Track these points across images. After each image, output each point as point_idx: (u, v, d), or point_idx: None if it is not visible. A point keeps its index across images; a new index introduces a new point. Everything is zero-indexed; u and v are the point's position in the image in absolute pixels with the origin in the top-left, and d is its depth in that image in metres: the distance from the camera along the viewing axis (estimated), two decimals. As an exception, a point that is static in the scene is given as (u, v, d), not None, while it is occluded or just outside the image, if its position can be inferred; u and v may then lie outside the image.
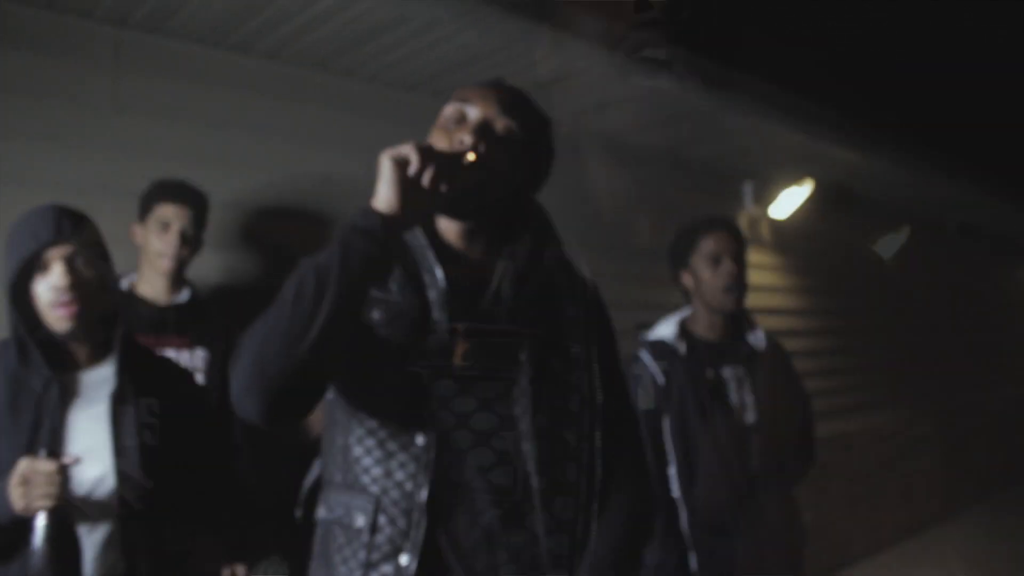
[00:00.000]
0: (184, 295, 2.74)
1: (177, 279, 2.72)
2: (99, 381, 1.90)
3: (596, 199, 4.51)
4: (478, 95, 1.47)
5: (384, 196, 1.26)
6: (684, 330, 2.76)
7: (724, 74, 4.19)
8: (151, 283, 2.70)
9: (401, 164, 1.25)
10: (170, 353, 2.60)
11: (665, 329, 2.77)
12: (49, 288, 1.79)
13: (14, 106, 2.75)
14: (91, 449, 1.82)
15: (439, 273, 1.41)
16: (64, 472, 1.70)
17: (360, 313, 1.32)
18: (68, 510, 1.72)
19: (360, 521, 1.36)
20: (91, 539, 1.81)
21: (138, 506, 1.83)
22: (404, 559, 1.33)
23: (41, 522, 1.68)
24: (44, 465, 1.68)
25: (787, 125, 4.68)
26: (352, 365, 1.36)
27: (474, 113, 1.44)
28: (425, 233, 1.45)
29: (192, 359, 2.67)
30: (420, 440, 1.36)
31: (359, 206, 1.28)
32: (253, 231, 3.23)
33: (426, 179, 1.27)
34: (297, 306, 1.21)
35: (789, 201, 5.70)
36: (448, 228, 1.49)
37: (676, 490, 2.60)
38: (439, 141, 1.42)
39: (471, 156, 1.35)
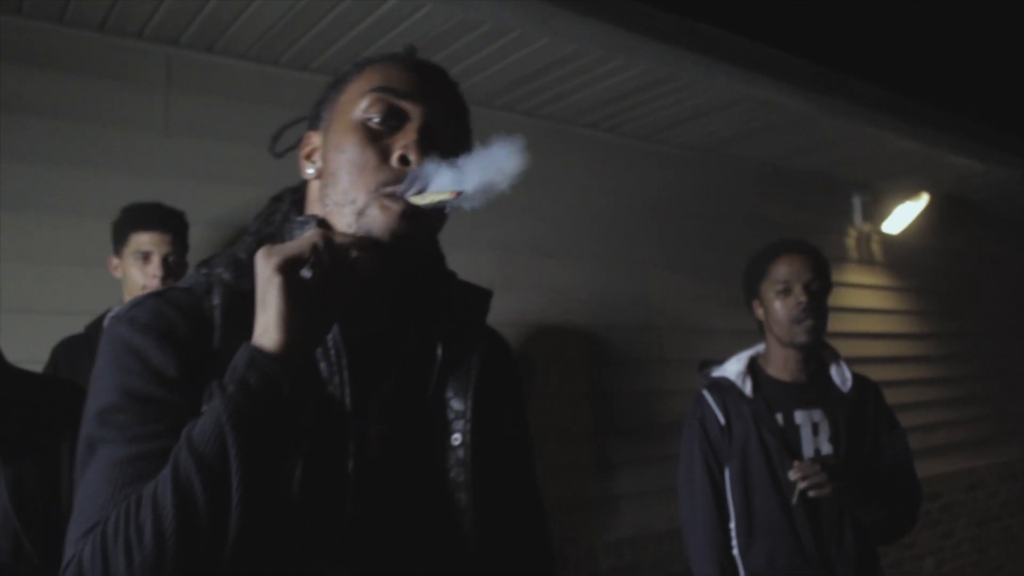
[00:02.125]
0: None
1: None
2: None
3: (689, 216, 4.23)
4: (416, 84, 1.06)
5: (275, 331, 0.86)
6: (754, 368, 2.46)
7: (829, 77, 3.85)
8: None
9: (292, 272, 0.86)
10: None
11: (732, 366, 2.47)
12: None
13: (67, 132, 2.66)
14: None
15: (336, 334, 1.02)
16: None
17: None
18: None
19: None
20: None
21: None
22: None
23: None
24: None
25: (900, 131, 4.30)
26: None
27: (418, 114, 1.04)
28: None
29: None
30: None
31: (244, 351, 0.87)
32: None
33: (337, 287, 0.90)
34: (185, 533, 0.80)
35: (903, 216, 5.38)
36: None
37: (736, 547, 2.33)
38: (364, 149, 1.03)
39: (452, 193, 0.97)
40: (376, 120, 1.04)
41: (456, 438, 1.06)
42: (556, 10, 2.78)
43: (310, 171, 1.11)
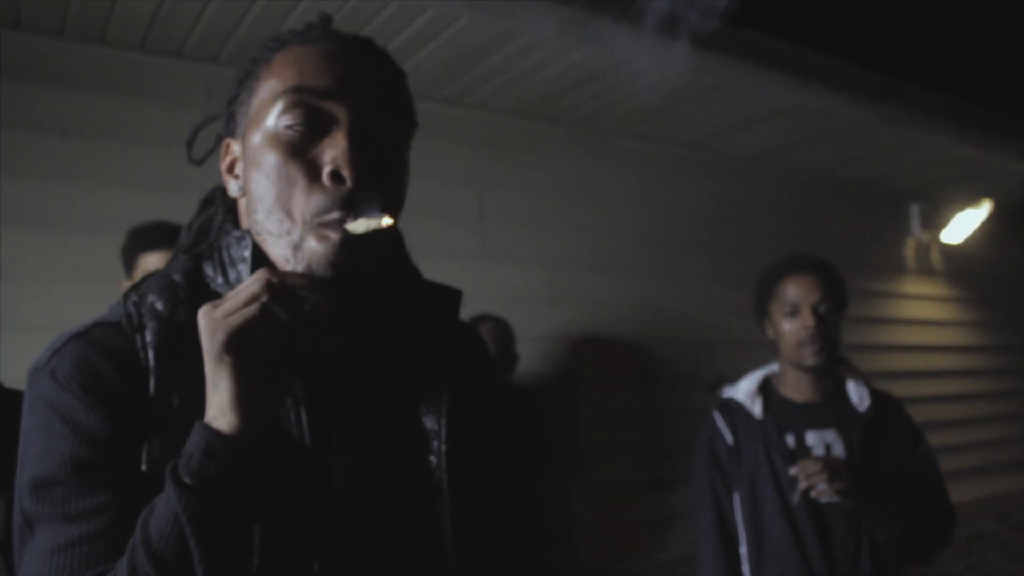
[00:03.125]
0: None
1: None
2: None
3: (741, 228, 4.12)
4: (338, 76, 0.90)
5: (231, 414, 0.76)
6: (767, 388, 2.38)
7: (884, 83, 3.72)
8: None
9: (242, 348, 0.77)
10: None
11: (744, 386, 2.41)
12: None
13: (110, 153, 2.67)
14: None
15: None
16: None
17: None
18: None
19: None
20: None
21: None
22: None
23: None
24: None
25: (960, 138, 4.14)
26: None
27: (344, 116, 0.89)
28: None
29: None
30: None
31: (199, 436, 0.77)
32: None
33: (296, 343, 0.79)
34: None
35: (963, 224, 5.19)
36: None
37: (747, 572, 2.25)
38: (287, 167, 0.88)
39: (387, 221, 0.85)
40: (296, 127, 0.89)
41: (431, 460, 0.95)
42: (597, 19, 2.72)
43: (234, 188, 0.97)
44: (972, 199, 5.14)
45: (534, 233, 3.47)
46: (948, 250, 5.29)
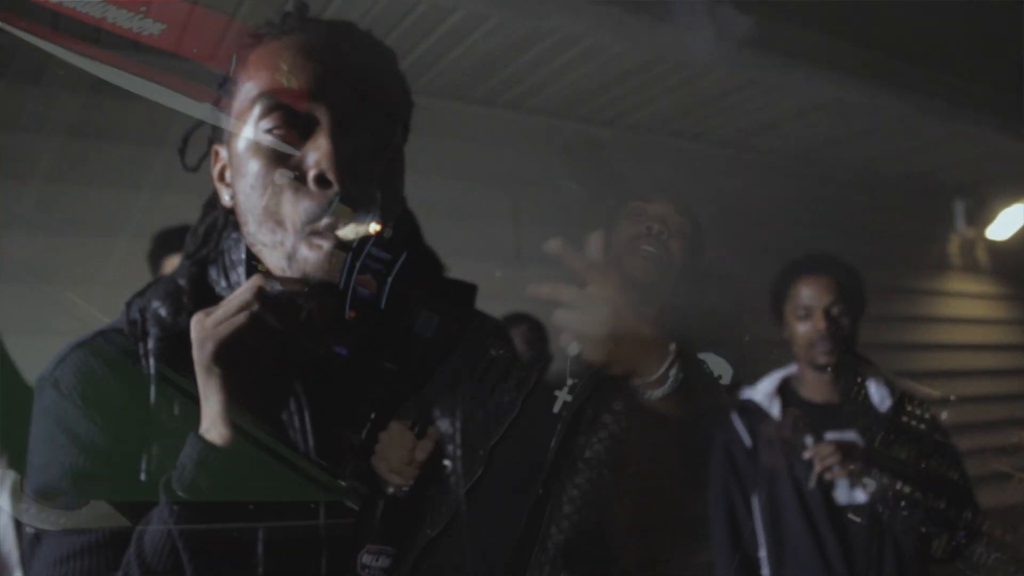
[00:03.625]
0: None
1: None
2: None
3: (778, 227, 4.06)
4: (315, 72, 0.85)
5: (223, 426, 0.73)
6: (786, 390, 2.38)
7: (926, 76, 3.65)
8: None
9: (232, 360, 0.74)
10: None
11: (762, 387, 2.41)
12: None
13: (140, 155, 2.67)
14: None
15: None
16: None
17: None
18: None
19: None
20: None
21: None
22: None
23: None
24: None
25: (1006, 131, 4.05)
26: None
27: (325, 116, 0.85)
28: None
29: None
30: None
31: (191, 448, 0.74)
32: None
33: (292, 349, 0.75)
34: None
35: (1010, 220, 5.07)
36: None
37: None
38: (272, 174, 0.84)
39: (375, 227, 0.81)
40: (277, 132, 0.85)
41: (446, 465, 0.91)
42: (628, 16, 2.70)
43: (226, 197, 0.94)
44: (1019, 194, 5.03)
45: (568, 235, 3.45)
46: (994, 246, 5.18)
